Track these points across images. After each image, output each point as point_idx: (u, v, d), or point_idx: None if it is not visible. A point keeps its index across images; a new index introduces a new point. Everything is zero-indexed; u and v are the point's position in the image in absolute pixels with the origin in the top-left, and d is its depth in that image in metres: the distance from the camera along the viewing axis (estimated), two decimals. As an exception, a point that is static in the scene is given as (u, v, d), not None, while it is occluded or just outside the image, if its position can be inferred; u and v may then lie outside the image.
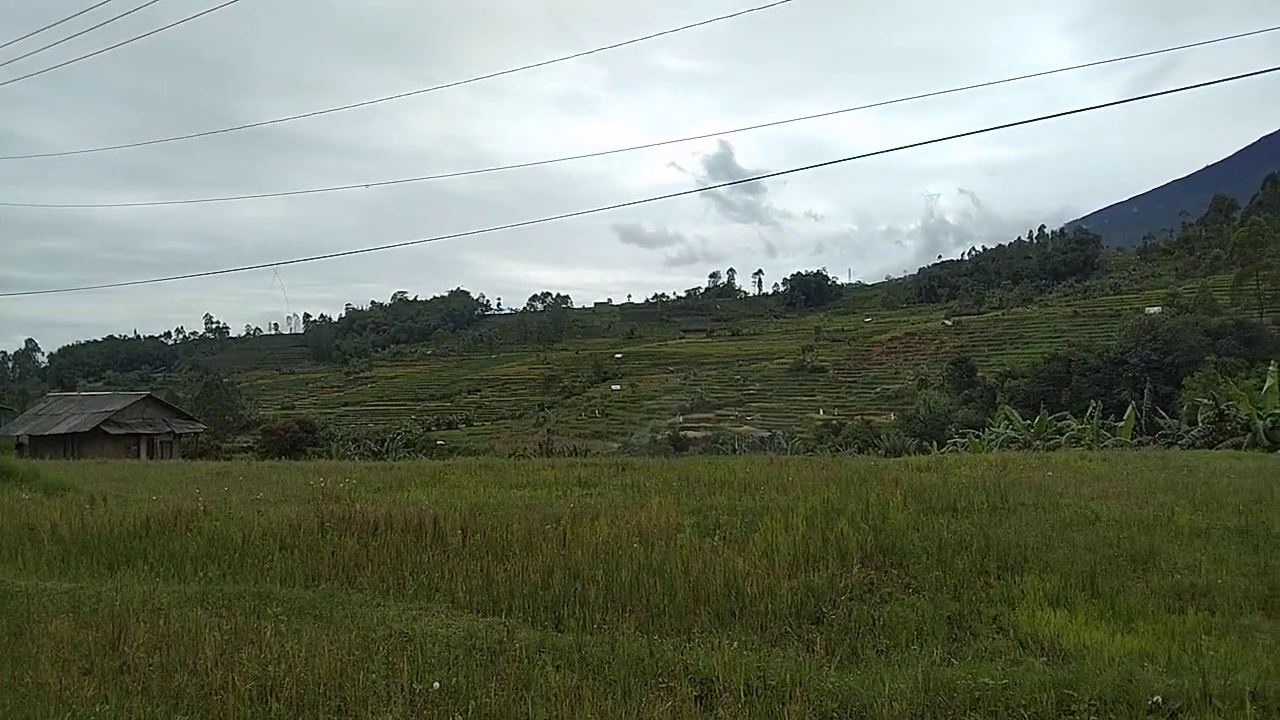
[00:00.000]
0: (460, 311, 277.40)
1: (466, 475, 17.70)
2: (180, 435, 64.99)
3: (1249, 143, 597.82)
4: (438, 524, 10.92)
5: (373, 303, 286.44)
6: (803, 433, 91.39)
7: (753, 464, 17.94)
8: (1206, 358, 77.22)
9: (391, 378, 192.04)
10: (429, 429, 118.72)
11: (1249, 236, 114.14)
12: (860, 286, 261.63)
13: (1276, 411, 26.49)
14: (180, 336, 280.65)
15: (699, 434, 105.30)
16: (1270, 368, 31.04)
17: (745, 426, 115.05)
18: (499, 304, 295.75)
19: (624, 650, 6.00)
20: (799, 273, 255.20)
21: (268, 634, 6.62)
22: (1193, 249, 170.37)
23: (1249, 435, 25.47)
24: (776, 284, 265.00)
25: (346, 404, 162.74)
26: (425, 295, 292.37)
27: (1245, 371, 54.38)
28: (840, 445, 61.62)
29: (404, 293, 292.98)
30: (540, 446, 56.99)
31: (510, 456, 34.96)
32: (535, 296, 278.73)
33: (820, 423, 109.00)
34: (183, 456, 54.83)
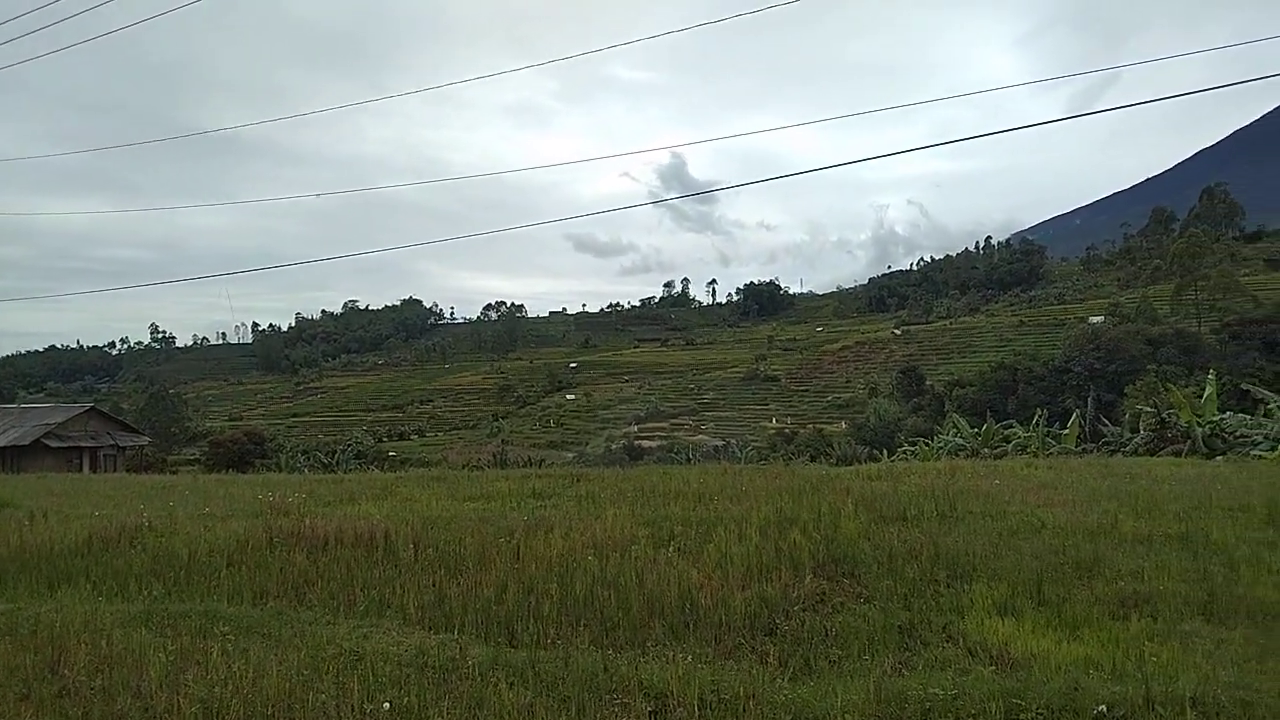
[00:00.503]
0: (413, 321, 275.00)
1: (419, 487, 17.52)
2: (124, 448, 63.43)
3: (1186, 156, 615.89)
4: (389, 538, 10.79)
5: (323, 311, 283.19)
6: (756, 441, 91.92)
7: (707, 473, 18.00)
8: (1148, 366, 79.11)
9: (342, 388, 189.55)
10: (380, 440, 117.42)
11: (1187, 248, 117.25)
12: (812, 296, 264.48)
13: (1215, 419, 27.20)
14: (125, 346, 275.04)
15: (654, 443, 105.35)
16: (1209, 376, 31.91)
17: (700, 435, 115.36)
18: (452, 313, 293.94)
19: (578, 665, 5.98)
20: (752, 282, 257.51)
21: (214, 654, 6.48)
22: (1134, 260, 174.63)
23: (1189, 442, 26.11)
24: (730, 293, 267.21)
25: (296, 415, 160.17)
26: (377, 304, 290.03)
27: (1185, 379, 55.78)
28: (793, 454, 62.09)
29: (355, 301, 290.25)
30: (494, 457, 56.61)
31: (464, 468, 34.66)
32: (489, 305, 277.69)
33: (773, 431, 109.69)
34: (127, 470, 53.55)
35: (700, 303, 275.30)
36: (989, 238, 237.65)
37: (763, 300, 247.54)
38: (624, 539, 10.26)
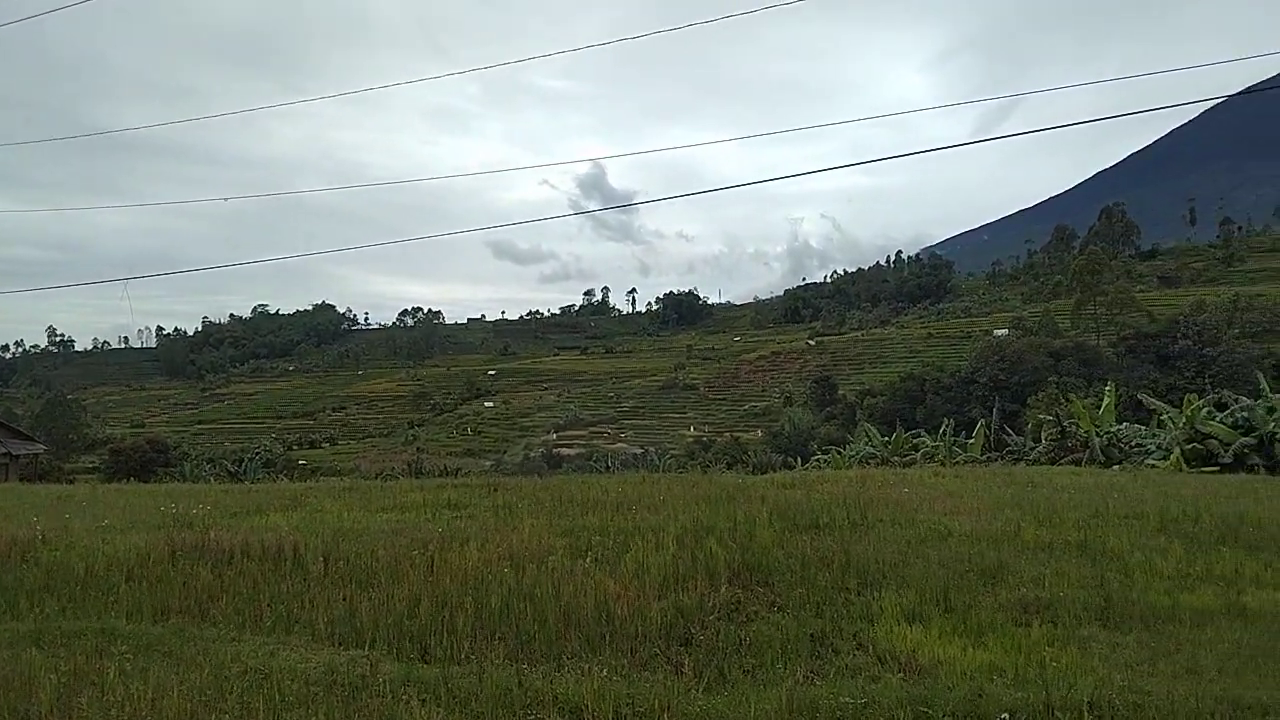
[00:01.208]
0: (325, 326, 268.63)
1: (329, 498, 17.10)
2: (18, 457, 60.34)
3: (1087, 177, 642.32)
4: (298, 551, 10.51)
5: (231, 315, 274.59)
6: (675, 449, 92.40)
7: (625, 482, 18.02)
8: (1049, 378, 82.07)
9: (250, 394, 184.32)
10: (290, 448, 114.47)
11: (1087, 264, 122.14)
12: (730, 306, 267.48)
13: (1112, 429, 28.39)
14: (20, 350, 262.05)
15: (573, 451, 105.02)
16: (1106, 388, 33.27)
17: (619, 444, 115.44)
18: (366, 319, 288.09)
19: (492, 681, 5.91)
20: (671, 292, 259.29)
21: (111, 674, 6.21)
22: (1037, 275, 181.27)
23: (1088, 452, 27.20)
24: (650, 303, 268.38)
25: (202, 422, 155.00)
26: (288, 309, 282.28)
27: (1084, 391, 58.06)
28: (710, 462, 62.60)
29: (265, 306, 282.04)
30: (409, 466, 55.60)
31: (377, 477, 34.01)
32: (405, 311, 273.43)
33: (691, 440, 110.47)
34: (20, 480, 50.94)
35: (620, 311, 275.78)
36: (899, 252, 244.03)
37: (682, 310, 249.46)
38: (541, 550, 10.19)
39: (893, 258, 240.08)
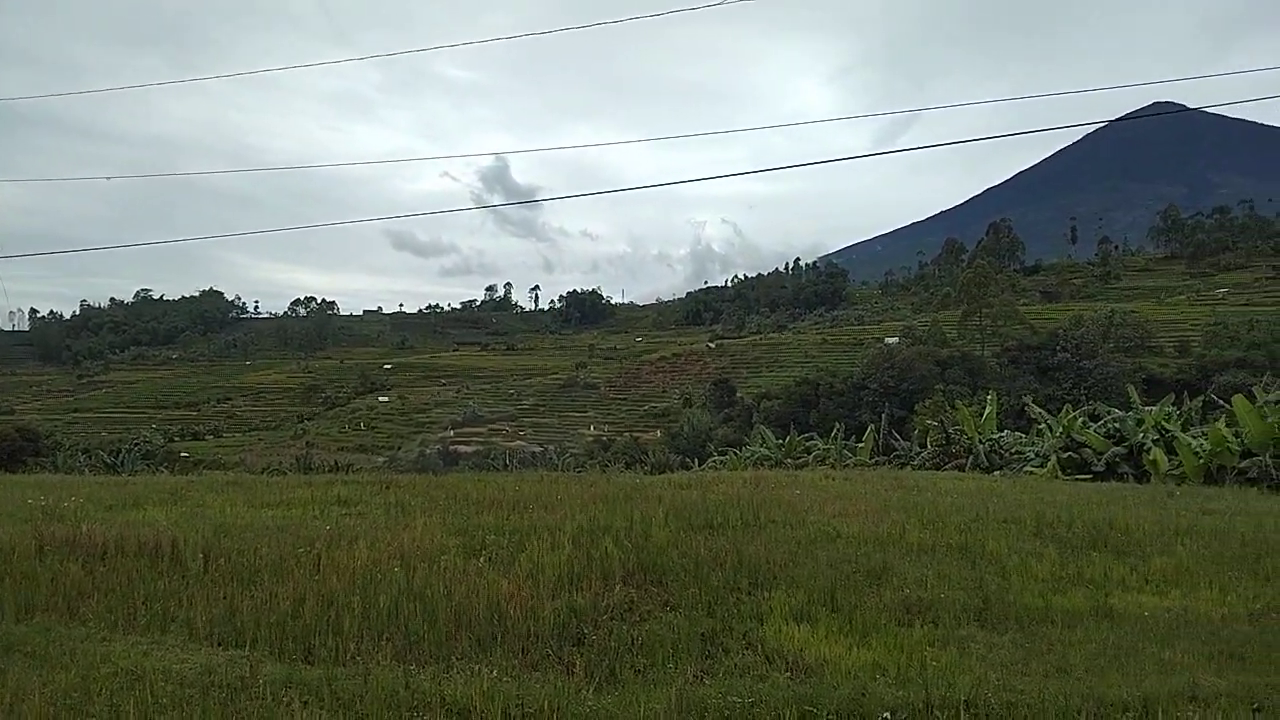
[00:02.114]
0: (212, 313, 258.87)
1: (212, 493, 16.47)
2: None
3: (976, 193, 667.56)
4: (177, 547, 10.08)
5: (112, 300, 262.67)
6: (574, 448, 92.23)
7: (523, 481, 17.89)
8: (936, 386, 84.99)
9: (131, 383, 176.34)
10: (172, 440, 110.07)
11: (974, 277, 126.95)
12: (633, 307, 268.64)
13: (994, 437, 29.52)
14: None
15: (470, 449, 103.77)
16: (989, 396, 34.61)
17: (518, 441, 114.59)
18: (256, 307, 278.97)
19: (378, 683, 5.77)
20: (575, 290, 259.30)
21: (-36, 678, 5.84)
22: (927, 286, 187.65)
23: (971, 457, 28.21)
24: (553, 300, 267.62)
25: (77, 411, 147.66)
26: (173, 294, 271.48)
27: (969, 399, 60.20)
28: (609, 461, 62.67)
29: (149, 290, 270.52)
30: (298, 461, 53.94)
31: (263, 472, 32.95)
32: (298, 300, 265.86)
33: (591, 439, 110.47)
34: None
35: (523, 308, 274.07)
36: (798, 259, 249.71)
37: (585, 308, 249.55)
38: (434, 549, 10.02)
39: (791, 264, 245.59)
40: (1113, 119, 67.99)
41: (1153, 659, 6.70)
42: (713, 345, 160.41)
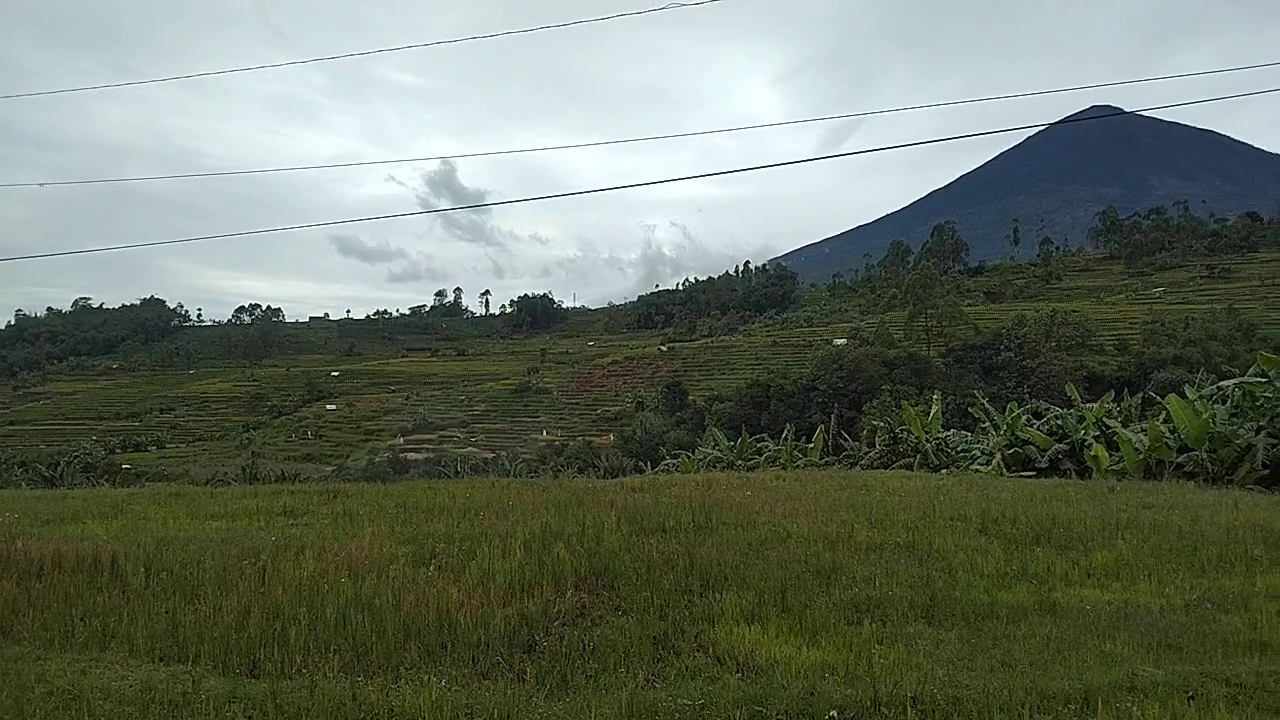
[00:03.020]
0: (154, 322, 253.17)
1: (154, 505, 16.09)
2: None
3: (921, 196, 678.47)
4: (117, 561, 9.83)
5: (50, 309, 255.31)
6: (527, 454, 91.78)
7: (474, 487, 17.73)
8: (883, 386, 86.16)
9: (69, 394, 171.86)
10: (113, 452, 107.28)
11: (919, 279, 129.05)
12: (584, 311, 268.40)
13: (940, 436, 29.98)
14: None
15: (421, 456, 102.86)
16: (935, 396, 35.16)
17: (469, 448, 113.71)
18: (199, 315, 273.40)
19: (324, 695, 5.69)
20: (526, 295, 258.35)
21: (-111, 702, 5.64)
22: (874, 288, 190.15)
23: (918, 456, 28.62)
24: (504, 305, 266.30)
25: (14, 423, 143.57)
26: (113, 303, 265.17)
27: (915, 399, 61.09)
28: (562, 466, 62.49)
29: (88, 299, 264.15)
30: (243, 471, 52.95)
31: (208, 483, 32.29)
32: (242, 308, 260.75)
33: (544, 444, 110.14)
34: None
35: (473, 313, 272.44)
36: (748, 262, 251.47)
37: (536, 313, 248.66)
38: (382, 558, 9.89)
39: (741, 268, 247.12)
40: (1053, 122, 69.46)
41: (1094, 651, 6.84)
42: (665, 348, 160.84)
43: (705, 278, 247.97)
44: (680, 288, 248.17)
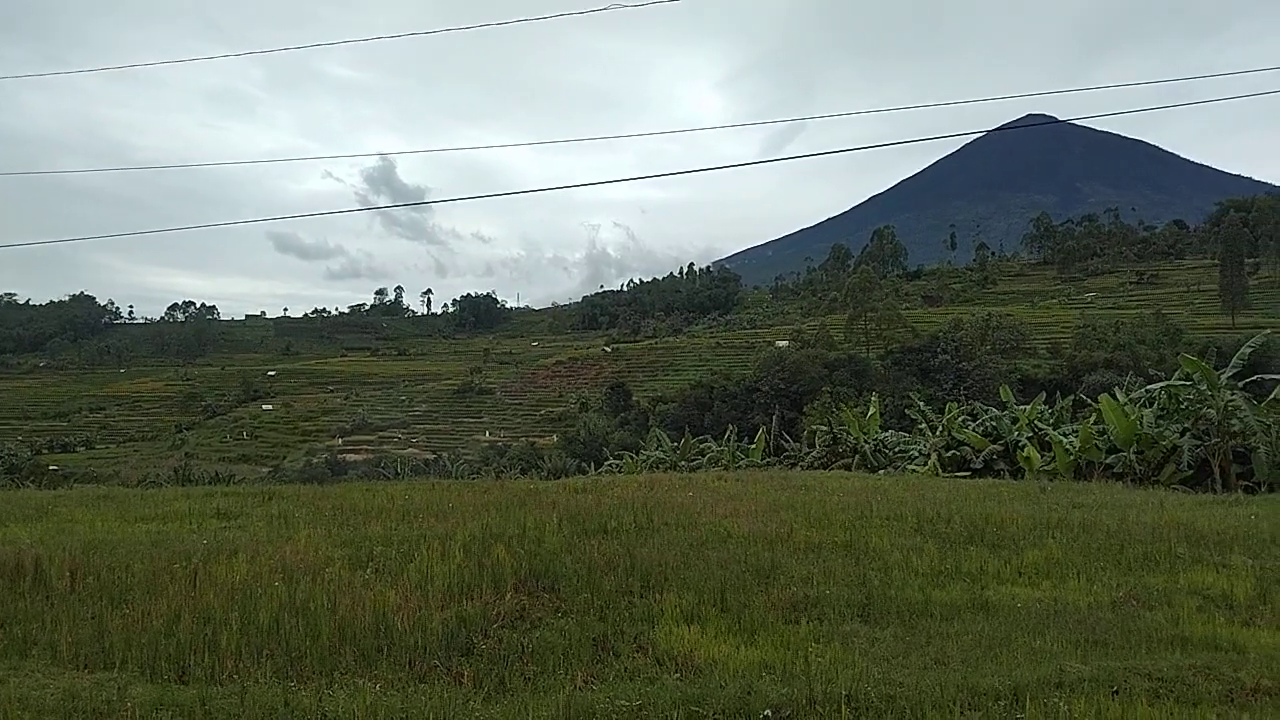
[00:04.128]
0: (83, 319, 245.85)
1: (82, 507, 15.61)
2: None
3: (862, 200, 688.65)
4: (40, 566, 9.51)
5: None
6: (469, 455, 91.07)
7: (414, 489, 17.53)
8: (824, 388, 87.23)
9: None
10: (40, 452, 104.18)
11: (859, 282, 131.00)
12: (529, 311, 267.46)
13: (878, 436, 30.44)
14: None
15: (360, 457, 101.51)
16: (873, 397, 35.69)
17: (410, 449, 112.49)
18: (131, 312, 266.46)
19: (255, 700, 5.57)
20: (469, 294, 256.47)
21: None
22: (815, 291, 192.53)
23: (856, 457, 29.02)
24: (446, 304, 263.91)
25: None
26: (40, 299, 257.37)
27: (855, 400, 61.95)
28: (505, 467, 62.13)
29: (12, 295, 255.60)
30: (176, 472, 51.68)
31: (138, 485, 31.48)
32: (175, 305, 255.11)
33: (487, 445, 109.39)
34: None
35: (415, 312, 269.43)
36: (692, 264, 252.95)
37: (479, 313, 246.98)
38: (318, 561, 9.73)
39: (685, 269, 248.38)
40: (990, 129, 71.11)
41: (1024, 648, 6.99)
42: (609, 349, 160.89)
43: (649, 279, 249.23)
44: (625, 289, 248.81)
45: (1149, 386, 24.68)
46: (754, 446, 34.21)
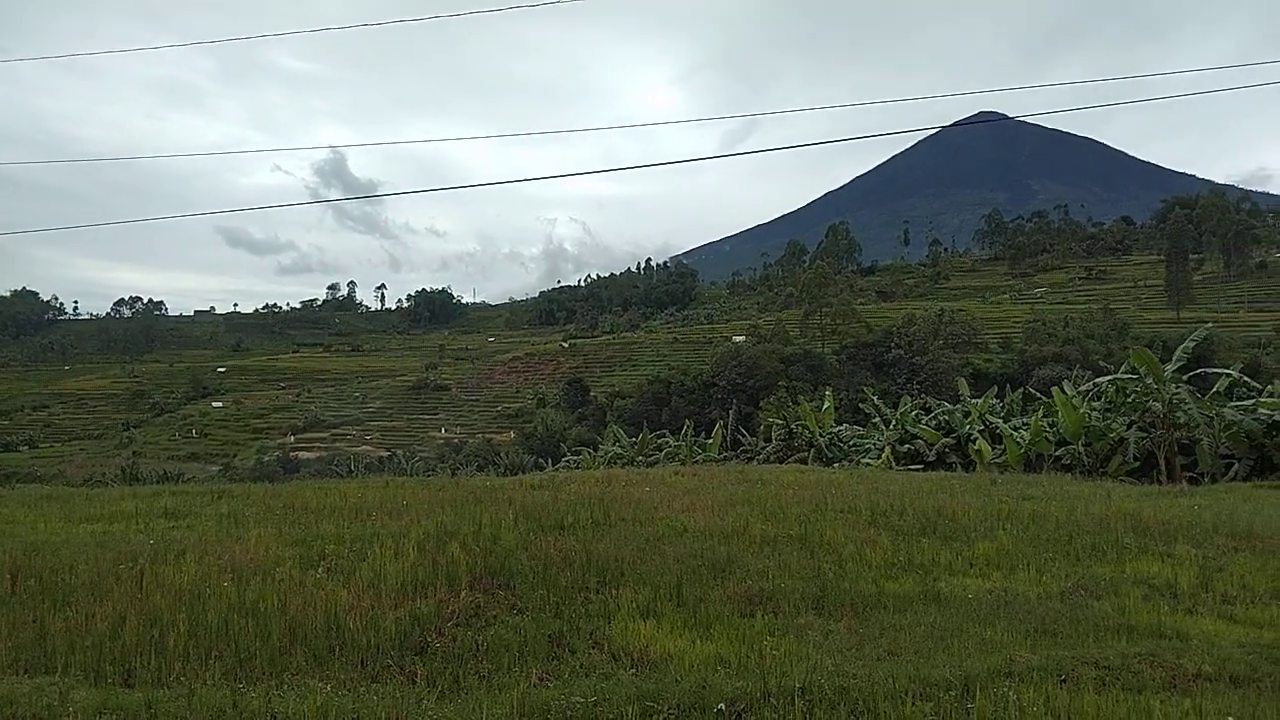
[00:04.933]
0: (25, 315, 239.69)
1: (24, 508, 15.21)
2: None
3: (816, 196, 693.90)
4: (-21, 569, 9.26)
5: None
6: (424, 452, 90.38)
7: (368, 487, 17.32)
8: (780, 382, 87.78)
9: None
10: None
11: (814, 278, 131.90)
12: (485, 306, 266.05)
13: (833, 430, 30.71)
14: None
15: (313, 455, 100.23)
16: (828, 392, 35.99)
17: (364, 446, 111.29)
18: (76, 308, 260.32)
19: (203, 703, 5.45)
20: (424, 289, 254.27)
21: None
22: (771, 286, 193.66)
23: (812, 451, 29.25)
24: (401, 300, 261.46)
25: None
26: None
27: (810, 394, 62.48)
28: (461, 464, 61.75)
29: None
30: (123, 471, 50.63)
31: (84, 484, 30.78)
32: (122, 301, 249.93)
33: (442, 441, 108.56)
34: None
35: (368, 308, 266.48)
36: (649, 260, 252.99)
37: (435, 308, 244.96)
38: (268, 561, 9.56)
39: (642, 265, 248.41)
40: (942, 126, 71.98)
41: (975, 639, 7.09)
42: (566, 345, 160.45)
43: (607, 274, 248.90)
44: (582, 284, 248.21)
45: (1097, 380, 25.23)
46: (711, 441, 34.34)
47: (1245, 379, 24.20)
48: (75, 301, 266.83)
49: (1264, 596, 8.52)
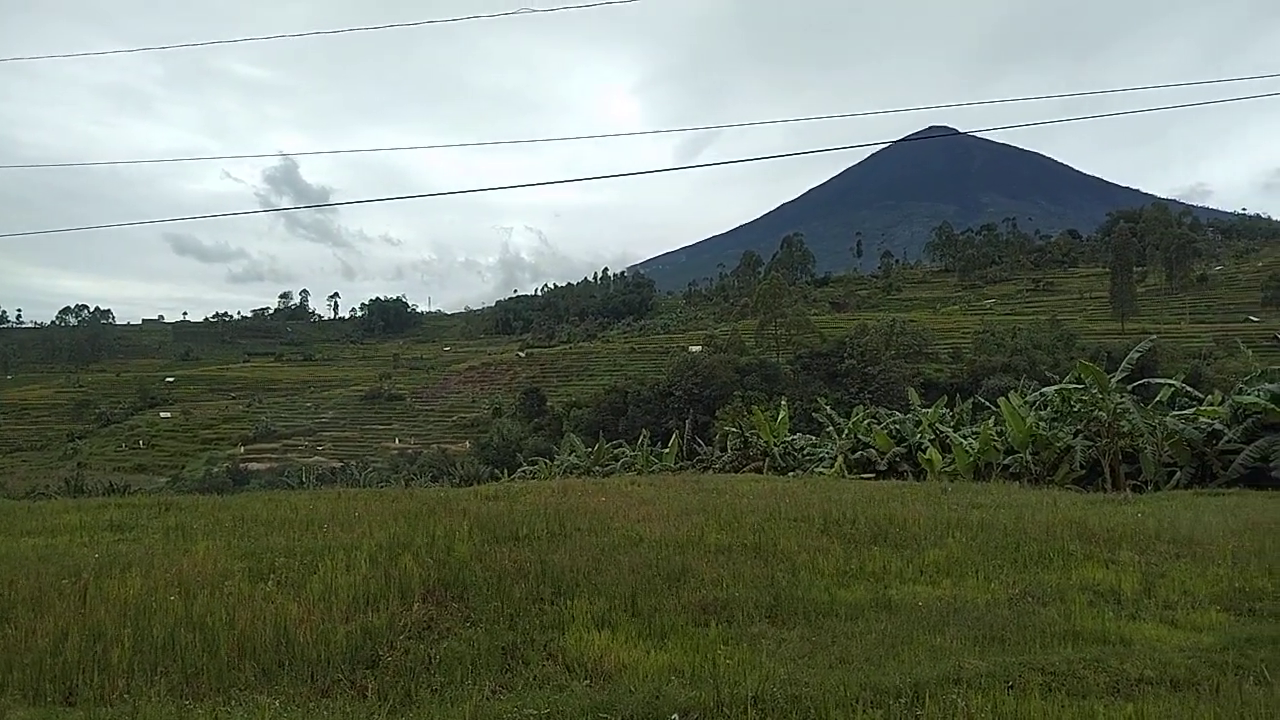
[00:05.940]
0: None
1: (-39, 522, 14.79)
2: None
3: (772, 208, 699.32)
4: (-88, 586, 8.98)
5: None
6: (378, 463, 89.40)
7: (319, 498, 17.10)
8: (736, 392, 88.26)
9: None
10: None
11: (770, 289, 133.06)
12: (440, 315, 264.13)
13: (787, 439, 30.95)
14: None
15: (263, 466, 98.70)
16: (783, 401, 36.27)
17: (316, 457, 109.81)
18: (19, 316, 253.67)
19: (148, 719, 5.36)
20: (378, 298, 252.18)
21: None
22: (727, 296, 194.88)
23: (767, 460, 29.46)
24: (354, 308, 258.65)
25: None
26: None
27: (765, 404, 62.86)
28: (415, 475, 61.17)
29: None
30: (67, 484, 49.37)
31: (26, 496, 30.01)
32: (67, 309, 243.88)
33: (396, 452, 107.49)
34: None
35: (321, 317, 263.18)
36: (606, 269, 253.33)
37: (389, 317, 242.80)
38: (216, 574, 9.39)
39: (600, 274, 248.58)
40: (894, 140, 73.11)
41: (925, 646, 7.18)
42: (523, 354, 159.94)
43: (564, 284, 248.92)
44: (539, 293, 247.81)
45: (1043, 390, 25.70)
46: (667, 451, 34.43)
47: (1187, 389, 24.82)
48: (19, 309, 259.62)
49: (1204, 602, 8.73)
